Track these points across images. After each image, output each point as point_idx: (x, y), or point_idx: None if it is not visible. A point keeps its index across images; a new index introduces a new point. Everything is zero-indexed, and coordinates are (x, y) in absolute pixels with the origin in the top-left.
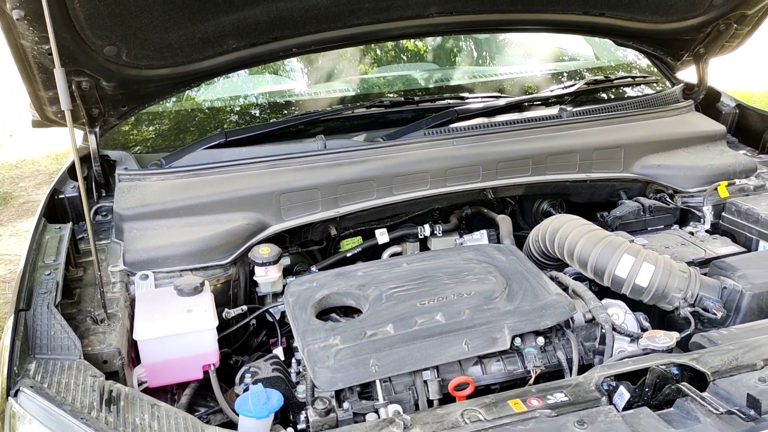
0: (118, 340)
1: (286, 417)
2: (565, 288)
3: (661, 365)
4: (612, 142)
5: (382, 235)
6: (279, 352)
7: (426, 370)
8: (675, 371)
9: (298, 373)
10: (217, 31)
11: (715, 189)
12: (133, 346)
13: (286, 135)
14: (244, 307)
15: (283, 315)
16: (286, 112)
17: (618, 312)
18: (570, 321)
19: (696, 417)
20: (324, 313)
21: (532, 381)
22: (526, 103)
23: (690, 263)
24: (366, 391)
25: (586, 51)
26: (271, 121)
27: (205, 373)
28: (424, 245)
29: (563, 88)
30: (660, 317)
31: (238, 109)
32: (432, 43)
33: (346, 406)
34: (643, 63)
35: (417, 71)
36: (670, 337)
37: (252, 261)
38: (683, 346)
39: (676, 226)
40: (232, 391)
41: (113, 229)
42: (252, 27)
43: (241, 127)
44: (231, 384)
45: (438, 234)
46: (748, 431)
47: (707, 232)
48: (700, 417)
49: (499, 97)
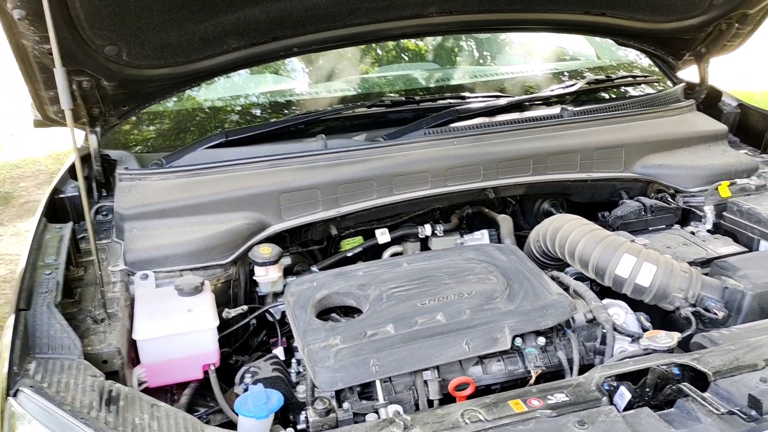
0: (118, 339)
1: (286, 417)
2: (566, 288)
3: (662, 365)
4: (613, 141)
5: (383, 235)
6: (279, 352)
7: (426, 370)
8: (676, 371)
9: (298, 373)
10: (217, 30)
11: (717, 189)
12: (133, 345)
13: (287, 135)
14: (245, 307)
15: (283, 315)
16: (286, 111)
17: (619, 312)
18: (571, 321)
19: (697, 417)
20: (324, 313)
21: (532, 381)
22: (526, 103)
23: (691, 263)
24: (366, 391)
25: (587, 51)
26: (272, 120)
27: (205, 373)
28: (424, 245)
29: (564, 87)
30: (661, 317)
31: (239, 108)
32: (433, 42)
33: (346, 406)
34: (645, 62)
35: (418, 71)
36: (671, 337)
37: (252, 261)
38: (684, 346)
39: (678, 226)
40: (232, 391)
41: (114, 228)
42: (252, 27)
43: (241, 126)
44: (231, 384)
45: (439, 234)
46: (749, 431)
47: (708, 231)
48: (701, 417)
49: (500, 96)
